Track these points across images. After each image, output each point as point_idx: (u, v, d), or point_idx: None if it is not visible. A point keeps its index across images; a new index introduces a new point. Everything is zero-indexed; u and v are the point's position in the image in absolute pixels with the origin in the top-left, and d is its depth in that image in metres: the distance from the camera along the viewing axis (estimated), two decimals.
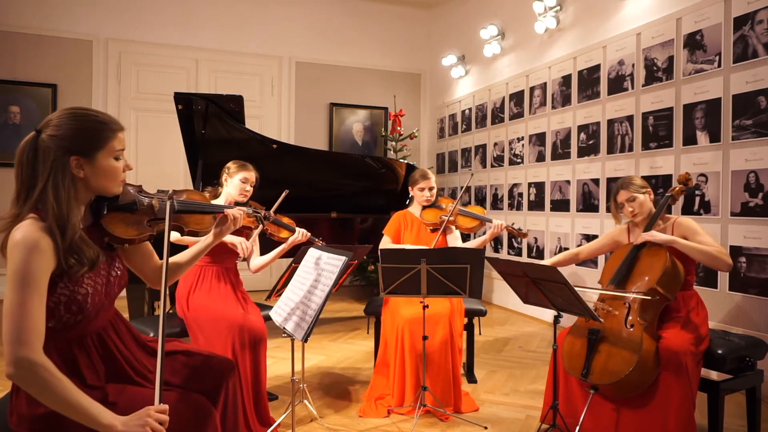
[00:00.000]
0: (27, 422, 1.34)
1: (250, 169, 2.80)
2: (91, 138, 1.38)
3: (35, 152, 1.33)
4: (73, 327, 1.39)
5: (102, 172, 1.40)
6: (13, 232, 1.28)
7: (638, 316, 2.22)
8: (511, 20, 5.56)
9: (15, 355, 1.21)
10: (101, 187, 1.42)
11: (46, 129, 1.35)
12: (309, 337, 1.95)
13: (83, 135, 1.36)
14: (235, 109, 3.93)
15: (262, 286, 6.11)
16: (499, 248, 5.72)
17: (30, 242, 1.25)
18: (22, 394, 1.35)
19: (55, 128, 1.35)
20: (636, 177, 2.55)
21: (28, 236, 1.26)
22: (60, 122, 1.35)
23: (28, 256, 1.24)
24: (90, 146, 1.37)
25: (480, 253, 2.55)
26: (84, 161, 1.37)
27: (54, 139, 1.33)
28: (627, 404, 2.19)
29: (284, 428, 2.50)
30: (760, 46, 3.12)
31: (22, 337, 1.21)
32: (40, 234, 1.27)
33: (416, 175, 3.23)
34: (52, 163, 1.32)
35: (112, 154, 1.41)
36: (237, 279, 2.77)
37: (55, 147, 1.33)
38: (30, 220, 1.29)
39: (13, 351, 1.21)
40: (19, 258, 1.24)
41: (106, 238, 1.47)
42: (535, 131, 5.13)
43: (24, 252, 1.24)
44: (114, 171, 1.42)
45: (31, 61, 5.61)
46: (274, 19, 6.53)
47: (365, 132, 7.01)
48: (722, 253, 2.27)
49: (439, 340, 2.77)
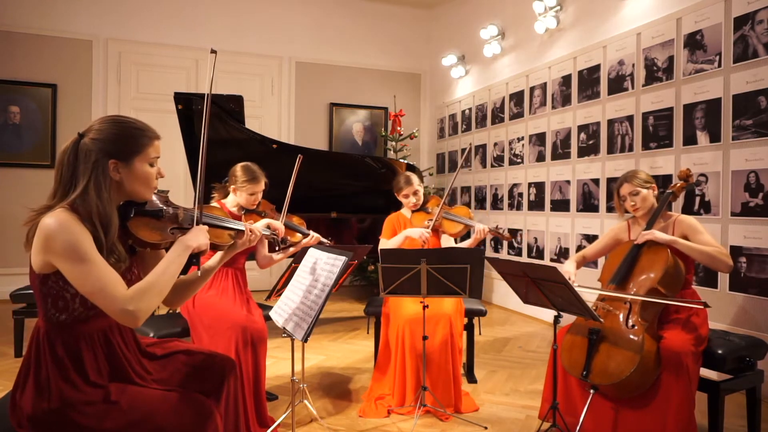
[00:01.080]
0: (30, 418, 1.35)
1: (259, 181, 2.72)
2: (130, 143, 1.46)
3: (76, 154, 1.40)
4: (84, 321, 1.42)
5: (137, 176, 1.47)
6: (45, 219, 1.33)
7: (639, 316, 2.22)
8: (511, 20, 5.56)
9: (118, 311, 1.33)
10: (134, 191, 1.49)
11: (88, 133, 1.43)
12: (309, 337, 1.95)
13: (123, 140, 1.45)
14: (235, 109, 3.93)
15: (262, 286, 6.11)
16: (499, 248, 5.72)
17: (69, 222, 1.32)
18: (27, 391, 1.37)
19: (97, 132, 1.43)
20: (641, 171, 2.53)
21: (66, 220, 1.32)
22: (102, 127, 1.44)
23: (73, 230, 1.32)
24: (128, 151, 1.45)
25: (480, 253, 2.55)
26: (121, 165, 1.44)
27: (96, 142, 1.41)
28: (627, 404, 2.19)
29: (284, 428, 2.50)
30: (760, 46, 3.12)
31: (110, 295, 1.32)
32: (76, 221, 1.34)
33: (400, 182, 3.22)
34: (93, 164, 1.40)
35: (147, 160, 1.49)
36: (244, 279, 2.78)
37: (96, 149, 1.41)
38: (61, 209, 1.35)
39: (113, 309, 1.33)
40: (67, 234, 1.31)
41: (130, 241, 1.51)
42: (535, 131, 5.13)
43: (70, 228, 1.31)
44: (148, 176, 1.50)
45: (31, 61, 5.61)
46: (274, 19, 6.53)
47: (365, 132, 7.01)
48: (723, 253, 2.27)
49: (439, 340, 2.77)
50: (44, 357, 1.38)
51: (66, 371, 1.38)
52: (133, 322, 1.34)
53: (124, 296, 1.33)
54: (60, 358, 1.38)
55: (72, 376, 1.38)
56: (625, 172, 2.56)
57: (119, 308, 1.32)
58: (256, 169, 2.75)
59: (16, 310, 3.61)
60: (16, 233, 5.67)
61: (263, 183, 2.75)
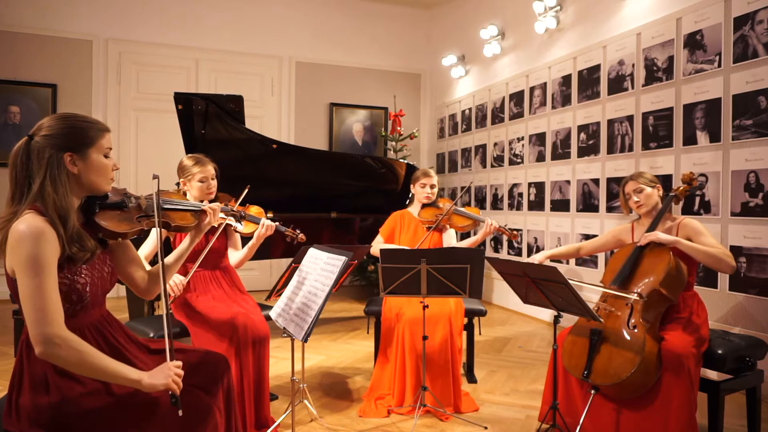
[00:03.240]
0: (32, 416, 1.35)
1: (206, 164, 2.61)
2: (82, 136, 1.47)
3: (28, 154, 1.41)
4: (73, 316, 1.44)
5: (94, 168, 1.48)
6: (15, 225, 1.33)
7: (641, 316, 2.22)
8: (511, 20, 5.56)
9: (44, 334, 1.29)
10: (93, 183, 1.50)
11: (38, 132, 1.43)
12: (309, 337, 1.96)
13: (74, 133, 1.46)
14: (235, 109, 3.93)
15: (262, 286, 6.11)
16: (499, 248, 5.72)
17: (36, 231, 1.32)
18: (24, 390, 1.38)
19: (47, 129, 1.43)
20: (647, 172, 2.57)
21: (33, 225, 1.33)
22: (51, 124, 1.45)
23: (37, 242, 1.31)
24: (82, 143, 1.46)
25: (480, 253, 2.55)
26: (77, 157, 1.45)
27: (48, 138, 1.42)
28: (627, 405, 2.19)
29: (284, 428, 2.50)
30: (760, 46, 3.12)
31: (47, 317, 1.30)
32: (44, 224, 1.34)
33: (418, 173, 3.32)
34: (48, 160, 1.40)
35: (102, 152, 1.50)
36: (234, 278, 2.76)
37: (49, 145, 1.41)
38: (30, 214, 1.36)
39: (41, 331, 1.29)
40: (29, 246, 1.31)
41: (99, 234, 1.54)
42: (535, 131, 5.13)
43: (32, 240, 1.31)
44: (105, 167, 1.51)
45: (31, 61, 5.61)
46: (274, 19, 6.53)
47: (365, 132, 7.01)
48: (726, 255, 2.27)
49: (439, 340, 2.77)
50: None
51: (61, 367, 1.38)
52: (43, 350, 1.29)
53: (60, 328, 1.31)
54: None
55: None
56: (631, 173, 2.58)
57: (48, 332, 1.29)
58: (201, 155, 2.66)
59: (16, 310, 3.61)
60: None
61: (211, 167, 2.63)
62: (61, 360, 1.31)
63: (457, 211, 3.20)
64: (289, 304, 2.21)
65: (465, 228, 3.19)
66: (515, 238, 3.07)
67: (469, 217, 3.17)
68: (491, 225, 3.05)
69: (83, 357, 1.32)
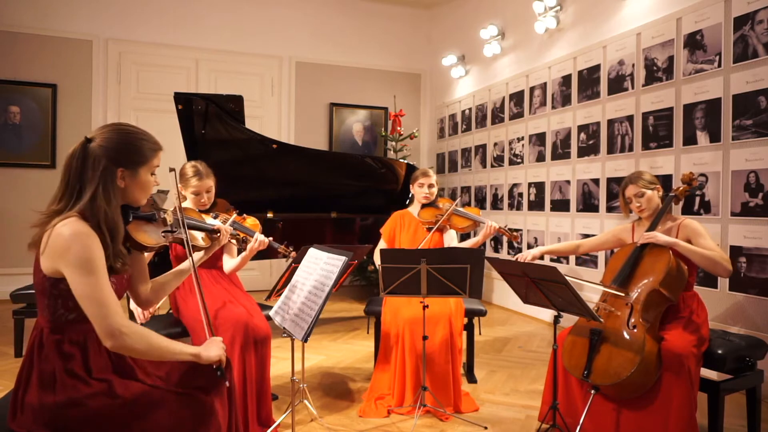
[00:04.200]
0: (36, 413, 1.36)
1: (204, 178, 2.56)
2: (137, 153, 1.51)
3: (85, 159, 1.43)
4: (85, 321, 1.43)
5: (140, 185, 1.54)
6: (60, 227, 1.36)
7: (641, 316, 2.22)
8: (511, 20, 5.56)
9: (112, 326, 1.35)
10: (133, 198, 1.55)
11: (96, 139, 1.46)
12: (309, 337, 1.96)
13: (130, 149, 1.50)
14: (235, 109, 3.93)
15: (262, 286, 6.12)
16: (499, 248, 5.72)
17: (84, 233, 1.37)
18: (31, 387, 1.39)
19: (105, 140, 1.46)
20: (646, 172, 2.54)
21: (81, 229, 1.37)
22: (110, 135, 1.47)
23: (88, 243, 1.36)
24: (135, 161, 1.50)
25: (480, 253, 2.55)
26: (127, 173, 1.49)
27: (104, 149, 1.45)
28: (627, 405, 2.19)
29: (284, 428, 2.50)
30: (760, 46, 3.12)
31: (111, 310, 1.36)
32: (90, 230, 1.39)
33: (417, 173, 3.31)
34: (102, 171, 1.43)
35: (150, 170, 1.56)
36: (233, 278, 2.76)
37: (106, 157, 1.44)
38: (75, 218, 1.38)
39: (109, 324, 1.35)
40: (81, 247, 1.35)
41: (128, 243, 1.57)
42: (535, 131, 5.13)
43: (84, 241, 1.36)
44: (148, 185, 1.57)
45: (31, 61, 5.61)
46: (274, 19, 6.53)
47: (365, 132, 7.01)
48: (723, 259, 2.27)
49: (439, 340, 2.77)
50: (50, 354, 1.41)
51: (71, 366, 1.40)
52: (114, 342, 1.36)
53: (123, 318, 1.38)
54: (66, 354, 1.41)
55: (77, 370, 1.41)
56: (629, 174, 2.57)
57: (114, 323, 1.35)
58: (203, 167, 2.60)
59: (16, 310, 3.61)
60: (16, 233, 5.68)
61: (210, 181, 2.60)
62: (132, 348, 1.38)
63: (457, 211, 3.19)
64: (289, 304, 2.21)
65: (465, 229, 3.18)
66: (516, 239, 3.07)
67: (469, 218, 3.16)
68: (491, 226, 3.05)
69: (150, 341, 1.41)
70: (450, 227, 3.23)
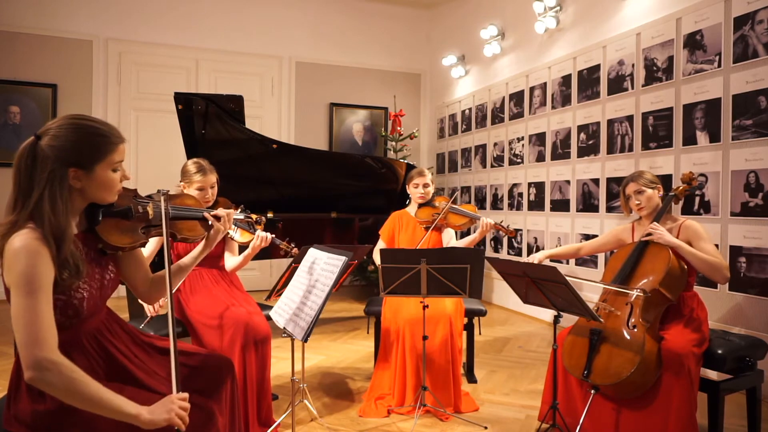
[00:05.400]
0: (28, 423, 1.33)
1: (207, 174, 2.58)
2: (91, 150, 1.36)
3: (34, 159, 1.32)
4: (67, 329, 1.39)
5: (99, 183, 1.39)
6: (12, 240, 1.27)
7: (640, 316, 2.22)
8: (511, 20, 5.56)
9: (35, 357, 1.20)
10: (97, 198, 1.42)
11: (45, 136, 1.33)
12: (309, 337, 1.95)
13: (83, 147, 1.35)
14: (235, 109, 3.93)
15: (262, 286, 6.12)
16: (499, 248, 5.72)
17: (32, 249, 1.25)
18: (21, 396, 1.35)
19: (54, 138, 1.33)
20: (647, 172, 2.55)
21: (30, 244, 1.25)
22: (60, 132, 1.34)
23: (33, 261, 1.24)
24: (89, 159, 1.36)
25: (480, 253, 2.56)
26: (81, 173, 1.36)
27: (53, 148, 1.32)
28: (627, 405, 2.19)
29: (284, 428, 2.50)
30: (760, 46, 3.12)
31: (39, 339, 1.21)
32: (39, 243, 1.27)
33: (412, 173, 3.32)
34: (49, 174, 1.31)
35: (110, 167, 1.41)
36: (233, 278, 2.76)
37: (54, 157, 1.31)
38: (28, 230, 1.28)
39: (32, 354, 1.20)
40: (25, 264, 1.24)
41: (100, 245, 1.47)
42: (535, 131, 5.13)
43: (28, 258, 1.24)
44: (111, 183, 1.42)
45: (31, 61, 5.61)
46: (274, 19, 6.53)
47: (365, 132, 7.01)
48: (723, 266, 2.29)
49: (440, 340, 2.77)
50: None
51: None
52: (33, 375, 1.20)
53: (51, 352, 1.22)
54: None
55: None
56: (631, 173, 2.57)
57: (39, 356, 1.20)
58: (205, 163, 2.62)
59: None
60: None
61: (213, 177, 2.62)
62: (52, 387, 1.22)
63: (453, 209, 3.19)
64: (289, 304, 2.21)
65: (462, 226, 3.18)
66: (512, 234, 3.06)
67: (465, 215, 3.17)
68: (488, 223, 3.03)
69: (75, 385, 1.22)
70: (447, 225, 3.23)
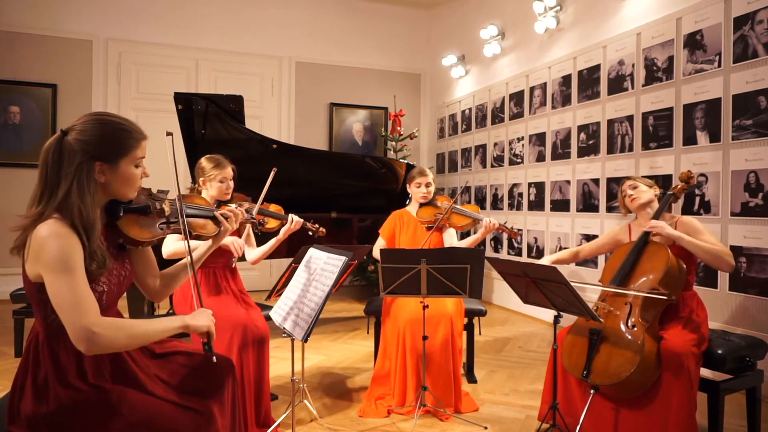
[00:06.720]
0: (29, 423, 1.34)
1: (225, 166, 2.67)
2: (116, 145, 1.42)
3: (60, 154, 1.36)
4: None
5: (122, 178, 1.45)
6: (38, 229, 1.31)
7: (640, 316, 2.22)
8: (511, 20, 5.56)
9: (83, 327, 1.26)
10: (118, 193, 1.47)
11: (71, 131, 1.38)
12: (309, 337, 1.95)
13: (108, 142, 1.41)
14: (235, 109, 3.93)
15: (262, 286, 6.11)
16: (499, 248, 5.72)
17: (63, 233, 1.31)
18: (26, 395, 1.36)
19: (81, 132, 1.38)
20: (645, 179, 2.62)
21: (59, 230, 1.31)
22: (86, 127, 1.39)
23: (64, 243, 1.29)
24: (114, 153, 1.42)
25: (480, 253, 2.55)
26: (106, 167, 1.41)
27: (80, 142, 1.37)
28: (627, 404, 2.19)
29: (284, 428, 2.50)
30: (760, 46, 3.12)
31: (83, 309, 1.28)
32: (69, 230, 1.32)
33: (414, 172, 3.29)
34: (77, 167, 1.36)
35: (133, 162, 1.46)
36: (236, 278, 2.76)
37: (80, 151, 1.36)
38: (54, 220, 1.33)
39: (81, 325, 1.26)
40: (56, 246, 1.28)
41: (120, 240, 1.52)
42: (535, 131, 5.13)
43: (59, 240, 1.29)
44: (133, 178, 1.47)
45: (31, 61, 5.61)
46: (274, 19, 6.53)
47: (365, 132, 7.01)
48: (726, 253, 2.28)
49: (440, 340, 2.77)
50: (44, 361, 1.37)
51: (65, 374, 1.37)
52: (88, 345, 1.27)
53: (96, 317, 1.30)
54: (61, 361, 1.37)
55: (71, 379, 1.37)
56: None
57: (85, 324, 1.26)
58: (220, 157, 2.71)
59: (16, 310, 3.61)
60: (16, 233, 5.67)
61: (230, 169, 2.70)
62: (109, 345, 1.30)
63: (455, 209, 3.18)
64: (289, 304, 2.21)
65: (464, 227, 3.16)
66: (515, 236, 3.06)
67: (468, 216, 3.15)
68: (491, 224, 3.04)
69: (129, 331, 1.34)
70: (449, 226, 3.21)
